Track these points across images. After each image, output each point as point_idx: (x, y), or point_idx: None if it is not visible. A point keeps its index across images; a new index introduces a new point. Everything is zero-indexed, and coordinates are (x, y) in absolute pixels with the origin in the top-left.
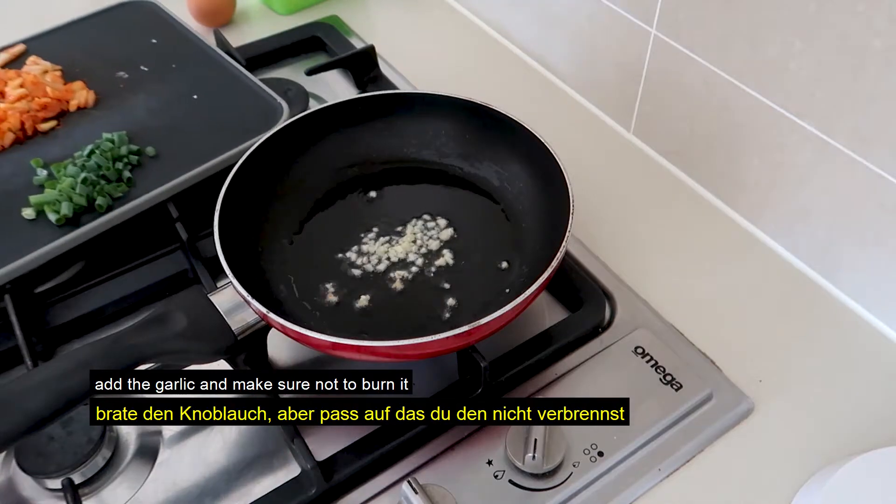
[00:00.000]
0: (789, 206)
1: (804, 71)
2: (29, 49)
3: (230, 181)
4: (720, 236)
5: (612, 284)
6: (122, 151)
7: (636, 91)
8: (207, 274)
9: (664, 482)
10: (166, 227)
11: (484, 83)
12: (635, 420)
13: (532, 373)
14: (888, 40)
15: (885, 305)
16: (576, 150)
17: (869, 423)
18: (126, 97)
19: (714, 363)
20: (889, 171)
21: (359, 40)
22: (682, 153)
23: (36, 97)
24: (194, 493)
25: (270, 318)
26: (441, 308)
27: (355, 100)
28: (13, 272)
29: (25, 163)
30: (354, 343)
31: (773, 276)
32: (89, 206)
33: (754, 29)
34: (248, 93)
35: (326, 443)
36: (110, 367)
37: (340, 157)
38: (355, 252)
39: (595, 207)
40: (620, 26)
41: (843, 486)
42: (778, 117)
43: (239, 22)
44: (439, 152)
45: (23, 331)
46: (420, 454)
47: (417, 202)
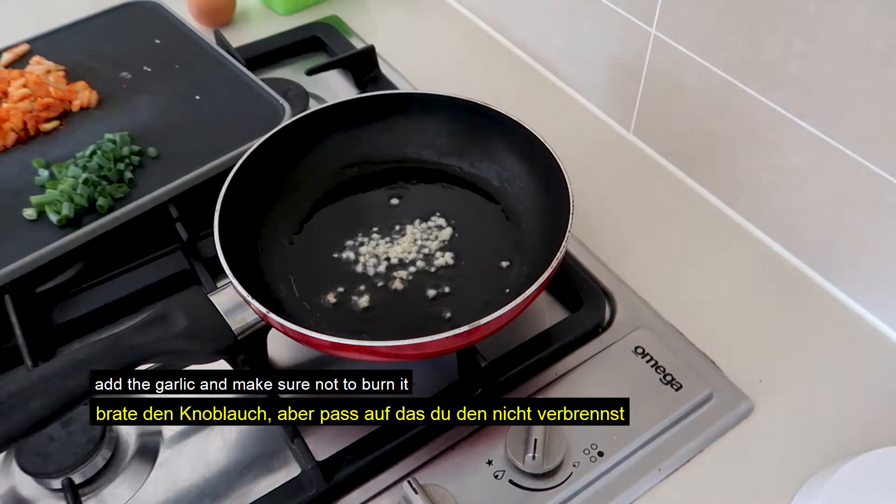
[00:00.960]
0: (789, 206)
1: (804, 71)
2: (32, 49)
3: (230, 181)
4: (720, 236)
5: (612, 284)
6: (124, 152)
7: (636, 91)
8: (207, 274)
9: (664, 482)
10: (166, 227)
11: (484, 83)
12: (635, 420)
13: (532, 373)
14: (888, 40)
15: (885, 305)
16: (576, 150)
17: (869, 423)
18: (129, 97)
19: (714, 363)
20: (889, 171)
21: (359, 40)
22: (682, 153)
23: (39, 97)
24: (194, 493)
25: (270, 318)
26: (441, 308)
27: (355, 100)
28: (14, 272)
29: (27, 163)
30: (354, 343)
31: (773, 276)
32: (90, 207)
33: (754, 29)
34: (250, 93)
35: (326, 443)
36: (110, 367)
37: (340, 157)
38: (355, 252)
39: (595, 207)
40: (620, 26)
41: (843, 486)
42: (778, 117)
43: (239, 22)
44: (439, 152)
45: (23, 331)
46: (420, 454)
47: (418, 202)
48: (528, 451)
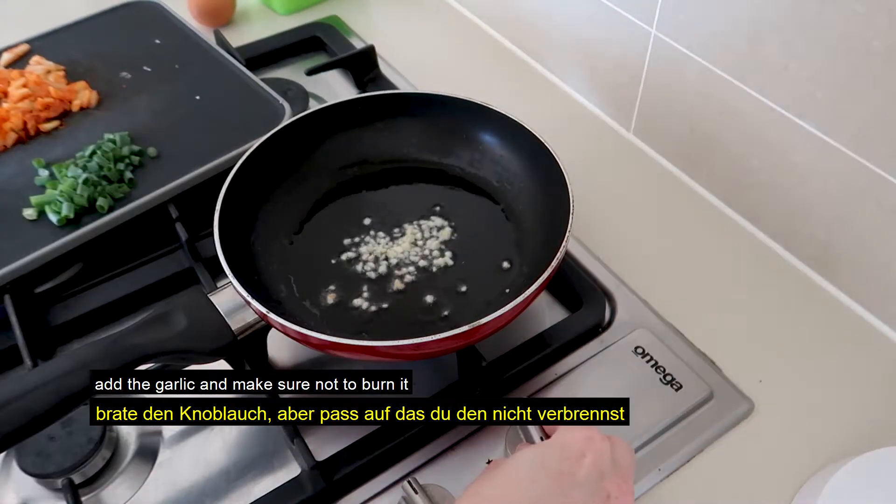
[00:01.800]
0: (789, 206)
1: (804, 71)
2: (32, 49)
3: (230, 181)
4: (719, 236)
5: (612, 284)
6: (124, 152)
7: (636, 91)
8: (207, 274)
9: (664, 482)
10: (166, 227)
11: (484, 83)
12: (635, 420)
13: (532, 373)
14: (888, 40)
15: (885, 305)
16: (576, 150)
17: (869, 424)
18: (129, 97)
19: (714, 363)
20: (889, 171)
21: (359, 40)
22: (682, 153)
23: (39, 97)
24: (194, 493)
25: (270, 318)
26: (441, 308)
27: (355, 100)
28: (14, 272)
29: (27, 163)
30: (354, 343)
31: (773, 276)
32: (90, 207)
33: (754, 29)
34: (250, 94)
35: (326, 443)
36: (110, 367)
37: (340, 157)
38: (355, 252)
39: (595, 207)
40: (620, 26)
41: (843, 486)
42: (778, 117)
43: (239, 22)
44: (439, 152)
45: (23, 331)
46: (420, 454)
47: (417, 202)
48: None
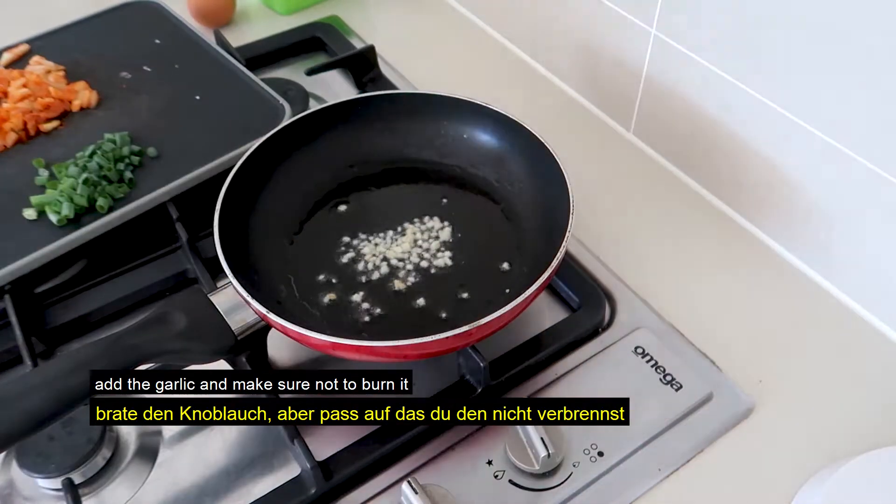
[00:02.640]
0: (789, 206)
1: (804, 71)
2: (32, 49)
3: (230, 181)
4: (720, 236)
5: (612, 284)
6: (124, 152)
7: (636, 91)
8: (207, 274)
9: (664, 482)
10: (166, 227)
11: (484, 83)
12: (635, 420)
13: (532, 373)
14: (888, 40)
15: (885, 305)
16: (576, 150)
17: (869, 423)
18: (129, 97)
19: (714, 363)
20: (889, 171)
21: (359, 40)
22: (682, 153)
23: (39, 97)
24: (194, 493)
25: (270, 318)
26: (441, 308)
27: (355, 100)
28: (14, 272)
29: (27, 163)
30: (354, 343)
31: (773, 276)
32: (90, 207)
33: (754, 29)
34: (250, 93)
35: (326, 443)
36: (110, 367)
37: (340, 157)
38: (355, 252)
39: (595, 208)
40: (620, 26)
41: (843, 486)
42: (778, 117)
43: (239, 22)
44: (439, 152)
45: (23, 331)
46: (420, 454)
47: (418, 202)
48: (532, 451)
